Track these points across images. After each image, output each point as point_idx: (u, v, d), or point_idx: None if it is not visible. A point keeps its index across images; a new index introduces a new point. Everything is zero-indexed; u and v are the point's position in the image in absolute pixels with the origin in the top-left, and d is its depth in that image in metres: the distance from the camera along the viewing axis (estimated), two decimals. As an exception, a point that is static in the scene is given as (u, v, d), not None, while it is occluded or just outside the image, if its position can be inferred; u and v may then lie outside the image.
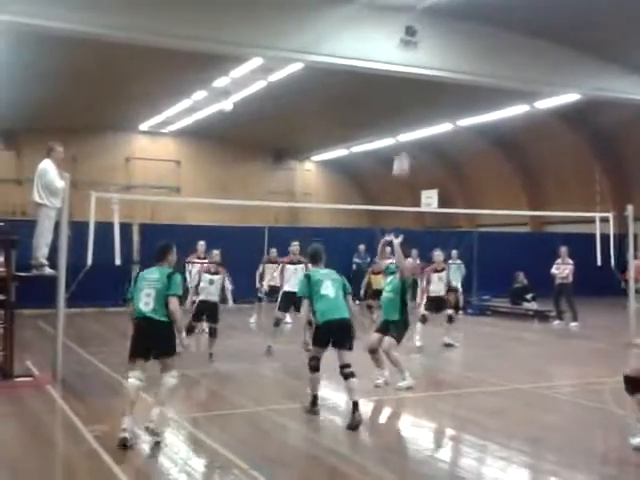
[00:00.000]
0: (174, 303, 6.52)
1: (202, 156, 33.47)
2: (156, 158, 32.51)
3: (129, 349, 6.64)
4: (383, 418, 8.15)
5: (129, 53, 17.54)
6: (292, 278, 11.74)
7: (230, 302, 11.47)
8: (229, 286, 11.53)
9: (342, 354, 7.32)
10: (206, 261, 12.66)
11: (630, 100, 20.09)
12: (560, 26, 17.27)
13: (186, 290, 10.52)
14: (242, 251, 16.62)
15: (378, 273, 15.17)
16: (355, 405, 7.15)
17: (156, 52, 16.61)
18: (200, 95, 24.29)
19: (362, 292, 16.29)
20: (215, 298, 11.17)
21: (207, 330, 11.40)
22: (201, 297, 11.15)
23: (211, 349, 10.89)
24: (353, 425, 7.00)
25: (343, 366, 7.28)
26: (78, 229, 10.07)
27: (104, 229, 10.05)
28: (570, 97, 20.67)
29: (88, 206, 9.73)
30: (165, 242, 7.01)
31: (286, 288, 11.86)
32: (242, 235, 19.87)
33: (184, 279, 10.67)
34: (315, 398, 7.66)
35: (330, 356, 7.48)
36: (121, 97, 24.78)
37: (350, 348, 7.38)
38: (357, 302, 20.35)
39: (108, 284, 15.04)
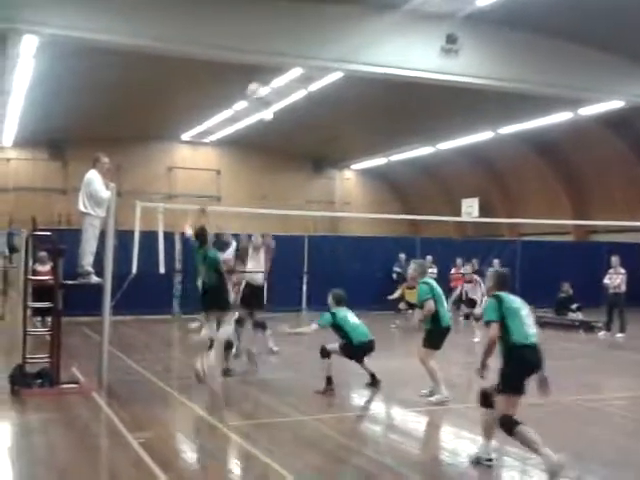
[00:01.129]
0: None
1: (242, 165, 33.76)
2: (197, 167, 32.92)
3: None
4: (427, 429, 8.06)
5: (173, 64, 17.82)
6: None
7: None
8: None
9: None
10: None
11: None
12: (603, 32, 17.00)
13: None
14: (282, 260, 16.67)
15: (412, 288, 15.26)
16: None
17: (199, 63, 16.87)
18: (241, 105, 24.50)
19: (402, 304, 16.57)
20: None
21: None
22: None
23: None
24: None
25: None
26: (122, 237, 10.23)
27: (148, 238, 10.20)
28: (614, 104, 20.30)
29: (131, 214, 9.89)
30: None
31: None
32: (282, 244, 19.92)
33: None
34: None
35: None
36: (165, 108, 25.16)
37: None
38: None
39: (152, 292, 15.21)
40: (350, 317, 9.43)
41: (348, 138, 30.70)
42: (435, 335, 8.90)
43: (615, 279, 15.67)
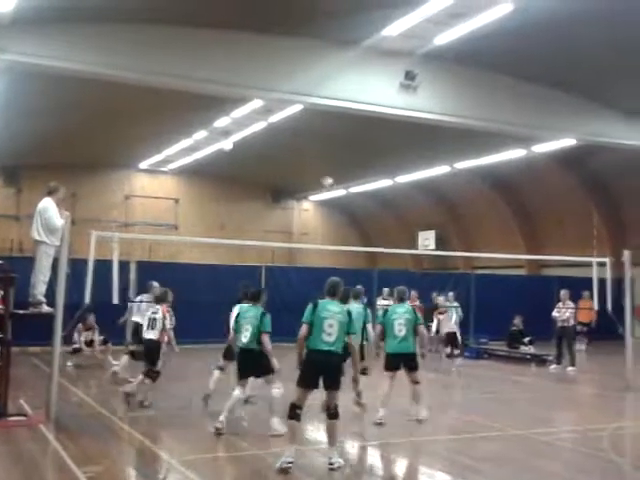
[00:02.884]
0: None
1: (201, 194, 33.65)
2: (155, 196, 32.68)
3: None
4: (380, 462, 8.04)
5: (131, 92, 17.73)
6: None
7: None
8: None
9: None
10: None
11: (624, 145, 20.33)
12: (556, 72, 17.56)
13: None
14: (238, 290, 16.57)
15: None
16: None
17: (158, 92, 16.83)
18: (201, 135, 24.53)
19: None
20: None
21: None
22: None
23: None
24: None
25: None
26: (76, 266, 10.06)
27: (102, 267, 10.05)
28: (567, 142, 20.92)
29: (86, 243, 9.75)
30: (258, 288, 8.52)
31: None
32: (239, 274, 19.83)
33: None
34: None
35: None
36: (122, 136, 25.00)
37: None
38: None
39: (106, 322, 14.93)
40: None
41: (307, 169, 30.90)
42: (386, 358, 9.73)
43: (564, 312, 15.98)
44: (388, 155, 25.40)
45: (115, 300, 10.11)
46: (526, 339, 19.24)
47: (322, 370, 7.00)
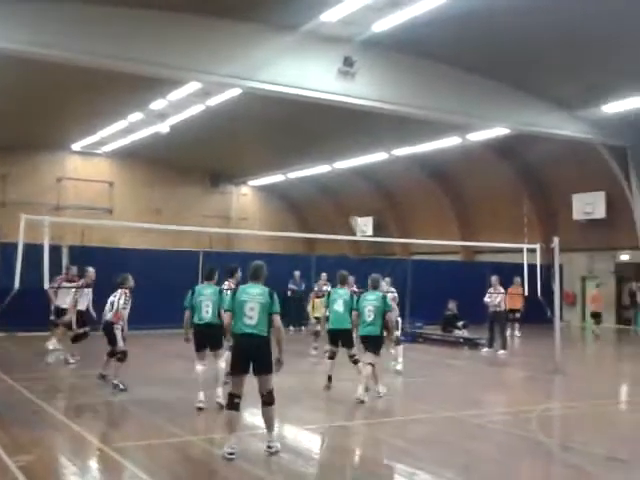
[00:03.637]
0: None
1: (136, 178, 33.04)
2: (89, 179, 31.92)
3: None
4: (315, 446, 8.12)
5: (63, 71, 17.21)
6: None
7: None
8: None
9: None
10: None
11: (554, 135, 20.96)
12: (491, 61, 17.94)
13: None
14: (175, 276, 16.37)
15: (320, 297, 15.85)
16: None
17: (91, 71, 16.37)
18: (136, 117, 24.04)
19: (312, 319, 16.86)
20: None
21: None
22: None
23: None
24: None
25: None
26: (6, 250, 9.76)
27: (33, 251, 9.76)
28: (501, 130, 21.41)
29: (17, 226, 9.45)
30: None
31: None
32: (175, 259, 19.60)
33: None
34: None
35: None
36: (53, 116, 24.27)
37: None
38: (303, 328, 20.51)
39: (36, 308, 14.53)
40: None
41: (246, 154, 30.71)
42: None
43: (495, 298, 16.40)
44: (327, 141, 25.48)
45: (46, 285, 9.84)
46: (460, 323, 19.70)
47: (248, 354, 6.99)
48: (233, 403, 6.95)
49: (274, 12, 14.98)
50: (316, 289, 17.21)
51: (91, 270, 13.02)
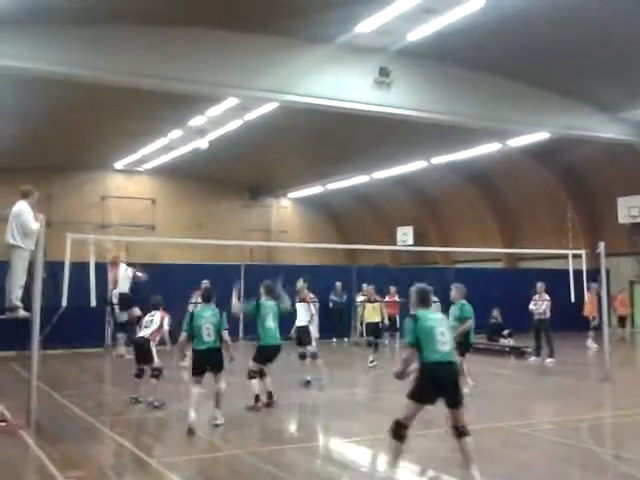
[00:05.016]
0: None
1: (178, 194, 33.48)
2: (131, 196, 32.48)
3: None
4: (364, 459, 8.07)
5: (105, 92, 17.61)
6: (298, 313, 12.73)
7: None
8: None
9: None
10: None
11: (596, 138, 20.62)
12: (528, 66, 17.73)
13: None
14: (217, 289, 16.49)
15: (373, 302, 16.08)
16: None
17: (132, 91, 16.72)
18: (176, 134, 24.41)
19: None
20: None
21: None
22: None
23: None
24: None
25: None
26: (53, 269, 9.97)
27: (79, 269, 9.97)
28: (541, 135, 21.12)
29: (62, 245, 9.67)
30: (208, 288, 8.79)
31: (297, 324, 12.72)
32: (218, 273, 19.76)
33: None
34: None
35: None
36: (96, 136, 24.81)
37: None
38: (346, 340, 20.51)
39: (83, 325, 14.81)
40: (269, 317, 10.18)
41: (284, 166, 30.89)
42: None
43: (540, 305, 16.13)
44: (364, 151, 25.46)
45: (93, 303, 10.03)
46: (505, 332, 19.43)
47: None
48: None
49: (309, 25, 15.08)
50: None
51: None
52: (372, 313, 15.87)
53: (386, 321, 17.45)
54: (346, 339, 20.84)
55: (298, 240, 34.54)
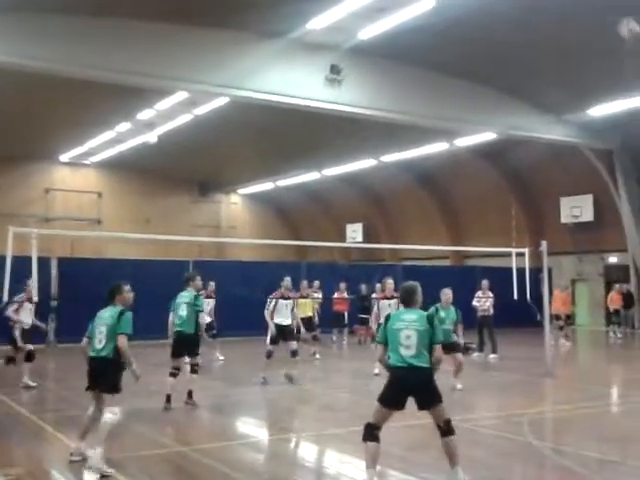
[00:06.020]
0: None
1: (125, 188, 32.96)
2: (77, 189, 31.83)
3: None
4: (308, 453, 8.11)
5: (49, 82, 17.21)
6: (283, 311, 12.33)
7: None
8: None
9: None
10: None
11: (541, 139, 21.11)
12: (477, 67, 18.04)
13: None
14: (165, 286, 16.31)
15: (305, 297, 16.06)
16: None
17: (76, 82, 16.37)
18: (124, 127, 24.02)
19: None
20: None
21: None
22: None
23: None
24: None
25: None
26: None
27: (21, 263, 9.72)
28: (488, 135, 21.51)
29: (4, 240, 9.41)
30: (115, 283, 7.25)
31: (277, 321, 12.20)
32: (166, 269, 19.54)
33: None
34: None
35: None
36: (41, 127, 24.22)
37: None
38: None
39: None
40: (181, 307, 9.86)
41: (234, 162, 30.70)
42: None
43: (484, 302, 16.44)
44: (315, 148, 25.52)
45: (35, 298, 9.79)
46: (451, 328, 19.68)
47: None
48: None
49: (260, 20, 15.03)
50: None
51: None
52: (303, 308, 16.00)
53: (315, 319, 17.42)
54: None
55: (248, 236, 34.42)
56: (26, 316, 11.54)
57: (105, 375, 6.86)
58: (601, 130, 21.41)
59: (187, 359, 10.10)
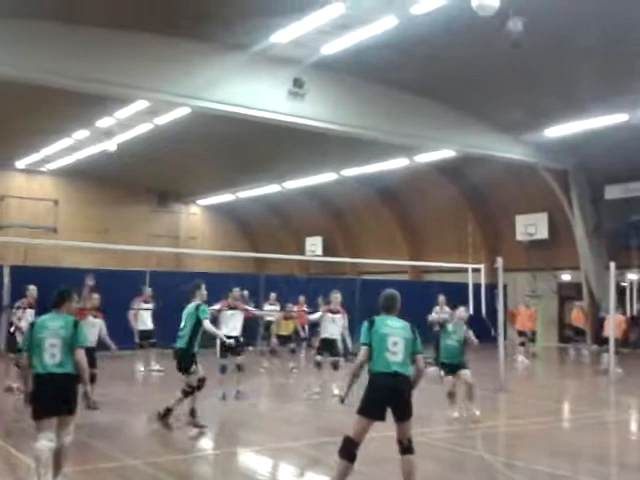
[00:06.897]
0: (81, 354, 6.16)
1: (83, 196, 32.49)
2: (33, 197, 31.23)
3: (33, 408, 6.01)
4: (265, 468, 8.06)
5: (5, 87, 16.88)
6: (230, 322, 11.86)
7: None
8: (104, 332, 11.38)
9: None
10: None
11: (500, 158, 21.52)
12: (437, 86, 18.33)
13: None
14: (122, 296, 16.10)
15: (288, 319, 16.05)
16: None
17: (34, 88, 16.10)
18: (82, 134, 23.71)
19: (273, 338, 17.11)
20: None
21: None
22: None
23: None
24: None
25: None
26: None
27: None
28: (447, 152, 21.84)
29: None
30: (64, 287, 6.50)
31: (224, 332, 11.36)
32: (122, 279, 19.27)
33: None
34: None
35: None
36: (-4, 132, 23.73)
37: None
38: (251, 348, 20.40)
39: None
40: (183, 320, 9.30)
41: (195, 173, 30.53)
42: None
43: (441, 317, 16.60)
44: (277, 161, 25.54)
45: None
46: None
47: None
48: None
49: (224, 32, 15.04)
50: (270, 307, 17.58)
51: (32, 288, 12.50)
52: (285, 326, 16.70)
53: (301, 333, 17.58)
54: (251, 347, 20.73)
55: (207, 248, 34.17)
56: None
57: (73, 394, 6.10)
58: (557, 151, 21.92)
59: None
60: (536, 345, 21.92)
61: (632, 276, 18.02)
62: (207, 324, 9.09)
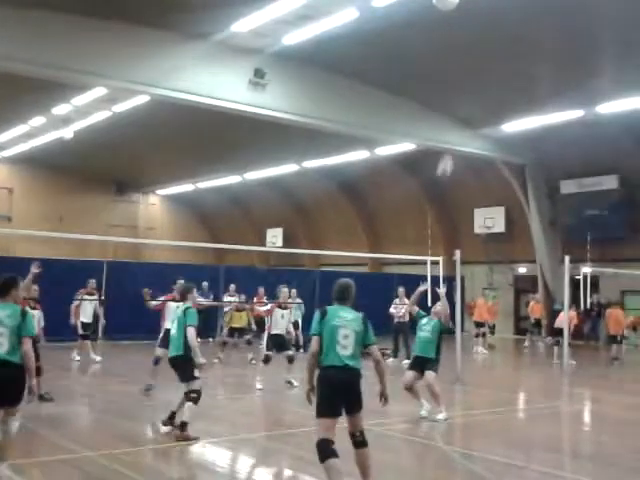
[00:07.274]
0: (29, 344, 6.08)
1: (38, 184, 31.84)
2: (-15, 184, 30.52)
3: None
4: (222, 460, 8.02)
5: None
6: (171, 315, 11.20)
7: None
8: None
9: None
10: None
11: (459, 151, 21.73)
12: (398, 79, 18.41)
13: None
14: (78, 286, 15.86)
15: (240, 311, 15.94)
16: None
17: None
18: (38, 121, 23.21)
19: (225, 329, 17.12)
20: None
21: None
22: None
23: None
24: None
25: None
26: None
27: None
28: (407, 146, 21.96)
29: None
30: (10, 275, 6.31)
31: (167, 326, 10.93)
32: (79, 269, 18.95)
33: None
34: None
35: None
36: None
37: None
38: (210, 339, 20.28)
39: None
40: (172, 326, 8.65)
41: (154, 162, 30.16)
42: (439, 364, 10.18)
43: (400, 309, 16.74)
44: (238, 151, 25.38)
45: None
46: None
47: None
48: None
49: (185, 20, 14.84)
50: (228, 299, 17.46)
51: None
52: (238, 319, 16.63)
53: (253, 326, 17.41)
54: (211, 339, 20.63)
55: (167, 238, 33.84)
56: None
57: (18, 385, 6.02)
58: (514, 145, 22.23)
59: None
60: (492, 337, 22.19)
61: (586, 270, 18.37)
62: (191, 332, 8.21)
